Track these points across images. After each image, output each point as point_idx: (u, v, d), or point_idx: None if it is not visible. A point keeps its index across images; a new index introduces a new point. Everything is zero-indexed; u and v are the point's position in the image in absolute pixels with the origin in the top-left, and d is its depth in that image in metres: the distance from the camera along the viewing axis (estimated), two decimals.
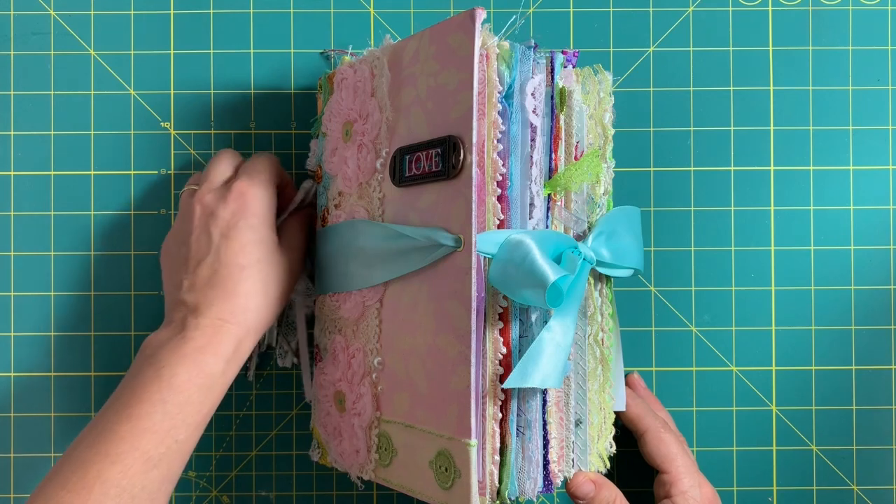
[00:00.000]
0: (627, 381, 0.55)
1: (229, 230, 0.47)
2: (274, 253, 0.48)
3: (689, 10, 0.57)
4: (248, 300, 0.46)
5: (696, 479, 0.49)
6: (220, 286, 0.46)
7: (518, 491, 0.44)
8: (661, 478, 0.50)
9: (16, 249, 0.56)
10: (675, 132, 0.56)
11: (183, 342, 0.45)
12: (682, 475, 0.49)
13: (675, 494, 0.48)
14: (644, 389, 0.55)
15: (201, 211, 0.48)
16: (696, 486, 0.49)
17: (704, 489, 0.50)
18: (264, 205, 0.48)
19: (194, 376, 0.44)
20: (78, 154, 0.56)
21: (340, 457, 0.50)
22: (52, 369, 0.56)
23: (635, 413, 0.51)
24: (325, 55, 0.57)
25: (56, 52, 0.57)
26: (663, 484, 0.49)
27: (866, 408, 0.56)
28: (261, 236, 0.47)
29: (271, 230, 0.49)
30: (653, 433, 0.50)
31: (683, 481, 0.49)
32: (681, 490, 0.48)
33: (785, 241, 0.56)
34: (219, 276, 0.46)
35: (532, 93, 0.44)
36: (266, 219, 0.48)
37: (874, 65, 0.57)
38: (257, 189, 0.48)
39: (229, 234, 0.47)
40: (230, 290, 0.46)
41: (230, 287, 0.46)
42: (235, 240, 0.47)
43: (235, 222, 0.47)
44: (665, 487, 0.49)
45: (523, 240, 0.41)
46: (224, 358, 0.45)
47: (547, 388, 0.44)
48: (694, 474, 0.49)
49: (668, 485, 0.49)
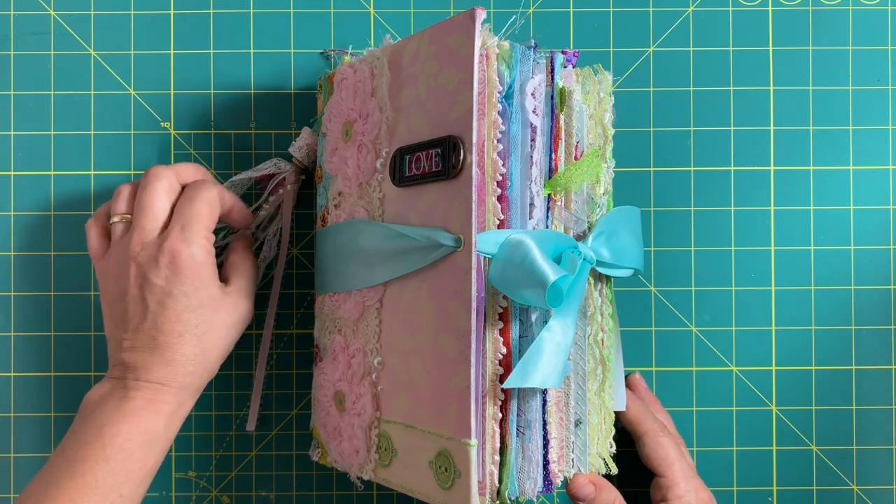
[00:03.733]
0: (628, 381, 0.55)
1: (164, 298, 0.46)
2: (214, 312, 0.48)
3: (689, 10, 0.57)
4: (186, 365, 0.47)
5: (692, 484, 0.49)
6: (159, 353, 0.46)
7: (518, 491, 0.44)
8: (657, 481, 0.50)
9: (16, 250, 0.56)
10: (675, 132, 0.56)
11: (124, 401, 0.46)
12: (679, 479, 0.49)
13: (671, 499, 0.48)
14: (645, 390, 0.55)
15: (136, 272, 0.47)
16: (692, 490, 0.49)
17: (701, 494, 0.49)
18: (198, 265, 0.47)
19: (135, 434, 0.45)
20: (78, 154, 0.56)
21: (340, 457, 0.50)
22: (52, 369, 0.56)
23: (634, 415, 0.51)
24: (325, 55, 0.57)
25: (56, 52, 0.57)
26: (660, 488, 0.49)
27: (866, 408, 0.56)
28: (198, 301, 0.47)
29: (209, 288, 0.47)
30: (651, 436, 0.50)
31: (680, 486, 0.49)
32: (677, 494, 0.48)
33: (785, 241, 0.56)
34: (157, 343, 0.46)
35: (532, 93, 0.44)
36: (202, 279, 0.47)
37: (874, 65, 0.57)
38: (191, 249, 0.46)
39: (164, 303, 0.46)
40: (168, 357, 0.46)
41: (168, 354, 0.46)
42: (171, 308, 0.46)
43: (170, 290, 0.46)
44: (662, 491, 0.49)
45: (523, 240, 0.41)
46: (165, 417, 0.46)
47: (547, 388, 0.44)
48: (691, 479, 0.49)
49: (664, 489, 0.49)
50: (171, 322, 0.46)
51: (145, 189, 0.48)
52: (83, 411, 0.46)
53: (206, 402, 0.56)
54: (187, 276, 0.46)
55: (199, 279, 0.47)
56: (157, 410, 0.46)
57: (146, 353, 0.46)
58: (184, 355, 0.47)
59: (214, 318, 0.48)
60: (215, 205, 0.49)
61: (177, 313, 0.46)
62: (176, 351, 0.46)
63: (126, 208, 0.50)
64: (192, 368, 0.47)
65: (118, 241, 0.49)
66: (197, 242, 0.47)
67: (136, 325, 0.47)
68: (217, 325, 0.48)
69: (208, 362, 0.48)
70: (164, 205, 0.48)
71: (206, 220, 0.48)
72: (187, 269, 0.46)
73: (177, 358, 0.46)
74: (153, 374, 0.46)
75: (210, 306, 0.47)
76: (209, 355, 0.48)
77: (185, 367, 0.47)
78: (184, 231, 0.47)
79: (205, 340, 0.47)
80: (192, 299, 0.47)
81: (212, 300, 0.48)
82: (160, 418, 0.46)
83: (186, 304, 0.46)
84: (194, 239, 0.47)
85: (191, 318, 0.47)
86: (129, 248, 0.47)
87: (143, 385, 0.46)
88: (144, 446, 0.45)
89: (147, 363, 0.46)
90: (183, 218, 0.47)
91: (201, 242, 0.47)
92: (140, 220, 0.48)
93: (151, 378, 0.46)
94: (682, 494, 0.48)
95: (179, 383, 0.47)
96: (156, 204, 0.48)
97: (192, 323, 0.47)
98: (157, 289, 0.46)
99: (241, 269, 0.51)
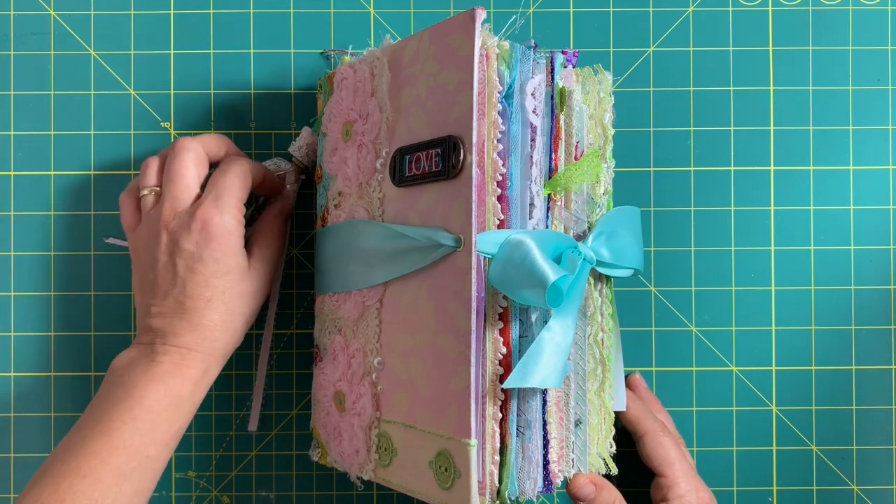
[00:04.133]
0: (628, 381, 0.55)
1: (194, 263, 0.47)
2: (240, 281, 0.48)
3: (689, 10, 0.57)
4: (213, 331, 0.47)
5: (693, 484, 0.49)
6: (187, 318, 0.47)
7: (518, 491, 0.44)
8: (658, 481, 0.50)
9: (16, 249, 0.56)
10: (675, 132, 0.56)
11: (152, 365, 0.46)
12: (679, 479, 0.49)
13: (671, 499, 0.48)
14: (645, 390, 0.55)
15: (167, 239, 0.48)
16: (692, 490, 0.49)
17: (702, 493, 0.49)
18: (229, 233, 0.48)
19: (162, 397, 0.45)
20: (78, 154, 0.56)
21: (340, 457, 0.50)
22: (52, 369, 0.56)
23: (634, 415, 0.51)
24: (325, 55, 0.57)
25: (56, 52, 0.57)
26: (660, 487, 0.49)
27: (866, 408, 0.56)
28: (226, 267, 0.48)
29: (237, 256, 0.48)
30: (651, 436, 0.50)
31: (680, 486, 0.49)
32: (678, 494, 0.48)
33: (785, 241, 0.56)
34: (185, 308, 0.47)
35: (532, 93, 0.44)
36: (231, 247, 0.48)
37: (874, 65, 0.57)
38: (223, 216, 0.47)
39: (194, 268, 0.47)
40: (195, 322, 0.47)
41: (195, 319, 0.47)
42: (200, 273, 0.47)
43: (200, 255, 0.47)
44: (662, 491, 0.49)
45: (523, 240, 0.41)
46: (192, 381, 0.47)
47: (547, 388, 0.44)
48: (692, 479, 0.49)
49: (664, 488, 0.49)
50: (199, 287, 0.47)
51: (174, 161, 0.49)
52: (110, 376, 0.47)
53: (206, 402, 0.56)
54: (218, 243, 0.47)
55: (228, 246, 0.48)
56: (185, 375, 0.46)
57: (174, 318, 0.47)
58: (211, 321, 0.47)
59: (241, 286, 0.48)
60: (247, 177, 0.50)
61: (205, 278, 0.47)
62: (203, 316, 0.47)
63: (156, 181, 0.51)
64: (218, 334, 0.48)
65: (149, 211, 0.50)
66: (229, 212, 0.48)
67: (165, 291, 0.48)
68: (243, 293, 0.49)
69: (235, 329, 0.49)
70: (194, 175, 0.49)
71: (237, 192, 0.49)
72: (218, 236, 0.47)
73: (204, 323, 0.47)
74: (180, 339, 0.47)
75: (237, 274, 0.48)
76: (235, 322, 0.48)
77: (213, 332, 0.47)
78: (217, 200, 0.48)
79: (231, 307, 0.48)
80: (220, 265, 0.47)
81: (239, 268, 0.48)
82: (187, 382, 0.46)
83: (215, 270, 0.47)
84: (226, 208, 0.48)
85: (219, 283, 0.47)
86: (161, 217, 0.48)
87: (170, 349, 0.47)
88: (171, 409, 0.46)
89: (175, 327, 0.47)
90: (217, 188, 0.48)
91: (233, 212, 0.48)
92: (171, 190, 0.49)
93: (179, 343, 0.47)
94: (683, 494, 0.48)
95: (206, 348, 0.47)
96: (186, 174, 0.49)
97: (220, 289, 0.47)
98: (186, 254, 0.47)
99: (263, 240, 0.52)
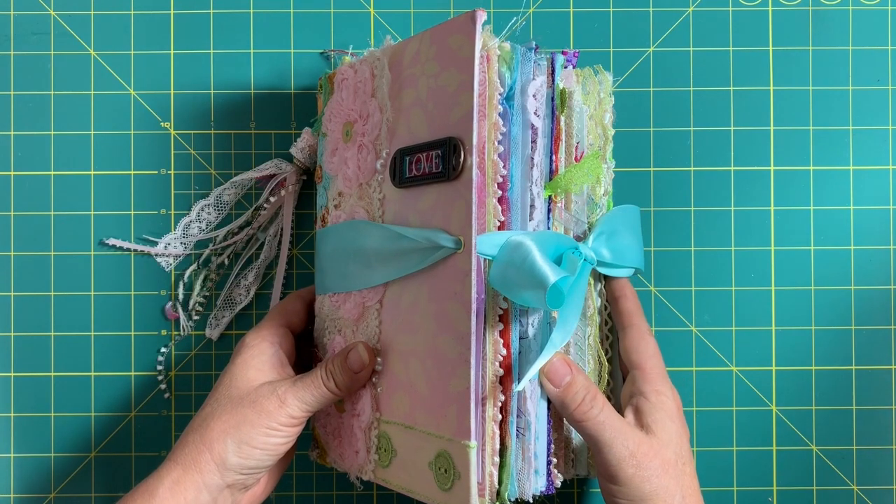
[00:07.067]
0: (619, 289, 0.50)
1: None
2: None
3: (689, 10, 0.57)
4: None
5: (669, 385, 0.47)
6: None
7: (518, 492, 0.44)
8: (633, 374, 0.47)
9: (16, 249, 0.56)
10: (675, 132, 0.56)
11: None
12: (657, 374, 0.46)
13: (648, 392, 0.46)
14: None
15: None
16: (670, 389, 0.46)
17: (675, 396, 0.47)
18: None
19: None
20: (78, 154, 0.56)
21: (340, 457, 0.50)
22: (52, 369, 0.56)
23: (627, 308, 0.48)
24: (325, 55, 0.56)
25: (56, 52, 0.56)
26: (635, 380, 0.46)
27: (866, 408, 0.56)
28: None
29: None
30: (637, 329, 0.48)
31: (658, 381, 0.46)
32: (655, 388, 0.46)
33: (785, 241, 0.56)
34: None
35: (533, 94, 0.44)
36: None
37: (874, 65, 0.56)
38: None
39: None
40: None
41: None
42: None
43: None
44: (637, 384, 0.46)
45: (523, 241, 0.41)
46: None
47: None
48: (668, 380, 0.47)
49: (640, 381, 0.46)
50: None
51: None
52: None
53: None
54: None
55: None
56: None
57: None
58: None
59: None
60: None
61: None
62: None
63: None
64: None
65: None
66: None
67: None
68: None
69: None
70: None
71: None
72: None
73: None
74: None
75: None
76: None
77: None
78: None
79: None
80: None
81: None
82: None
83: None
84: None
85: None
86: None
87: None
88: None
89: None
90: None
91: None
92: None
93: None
94: (660, 389, 0.46)
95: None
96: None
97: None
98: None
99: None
